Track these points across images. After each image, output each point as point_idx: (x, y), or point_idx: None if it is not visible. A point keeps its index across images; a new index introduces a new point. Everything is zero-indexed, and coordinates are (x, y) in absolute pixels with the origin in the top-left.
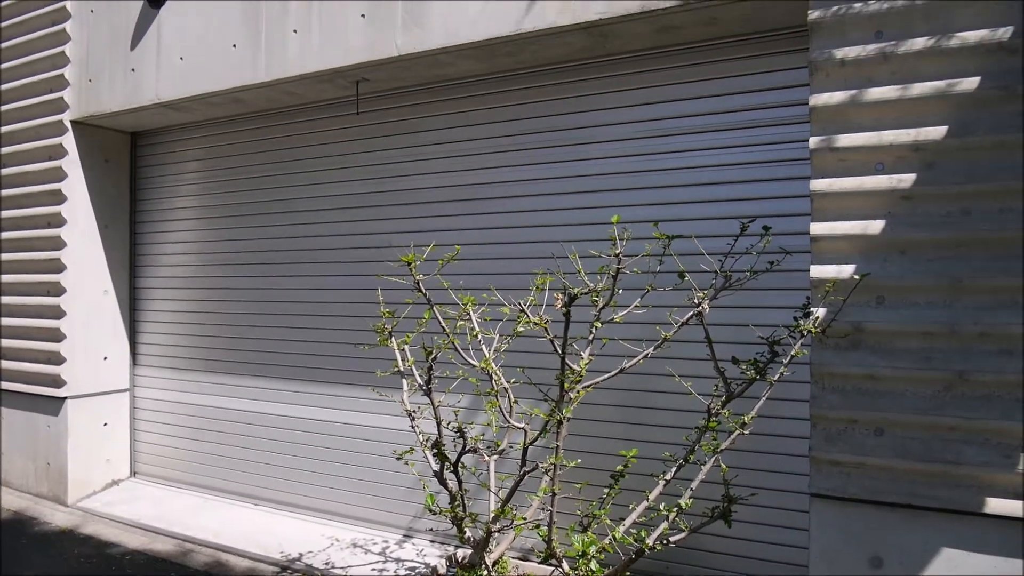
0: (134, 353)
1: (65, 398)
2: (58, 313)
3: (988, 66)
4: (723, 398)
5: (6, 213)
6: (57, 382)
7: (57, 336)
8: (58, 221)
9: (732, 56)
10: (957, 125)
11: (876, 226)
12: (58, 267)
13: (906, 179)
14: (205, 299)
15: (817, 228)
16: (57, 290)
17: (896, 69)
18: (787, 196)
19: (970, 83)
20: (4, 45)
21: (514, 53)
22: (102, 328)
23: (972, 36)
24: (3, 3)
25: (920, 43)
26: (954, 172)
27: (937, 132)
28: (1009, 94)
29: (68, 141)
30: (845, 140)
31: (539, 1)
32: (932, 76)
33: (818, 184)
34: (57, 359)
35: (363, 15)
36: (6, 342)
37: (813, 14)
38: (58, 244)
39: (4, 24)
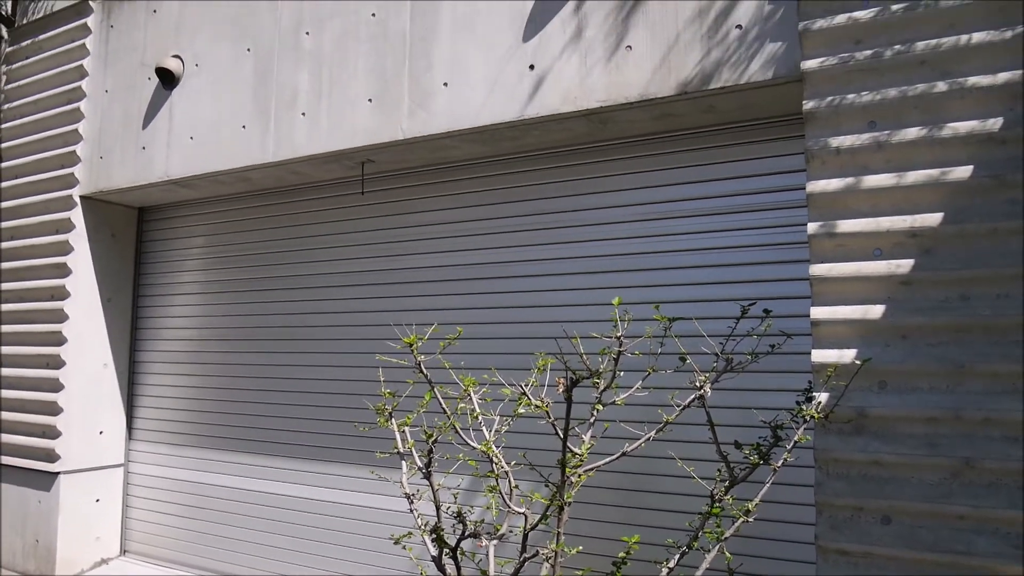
0: (130, 427)
1: (58, 473)
2: (56, 386)
3: (980, 155)
4: (726, 483)
5: (9, 285)
6: (51, 457)
7: (54, 410)
8: (62, 294)
9: (730, 142)
10: (952, 212)
11: (876, 311)
12: (59, 340)
13: (904, 264)
14: (205, 374)
15: (817, 312)
16: (57, 363)
17: (890, 157)
18: (787, 279)
19: (963, 172)
20: (20, 122)
21: (517, 137)
22: (99, 402)
23: (963, 127)
24: (21, 81)
25: (913, 133)
26: (951, 258)
27: (933, 219)
28: (1000, 183)
29: (76, 216)
30: (843, 226)
31: (542, 89)
32: (926, 165)
33: (817, 269)
34: (52, 433)
35: (370, 100)
36: (3, 415)
37: (808, 104)
38: (60, 317)
39: (21, 102)
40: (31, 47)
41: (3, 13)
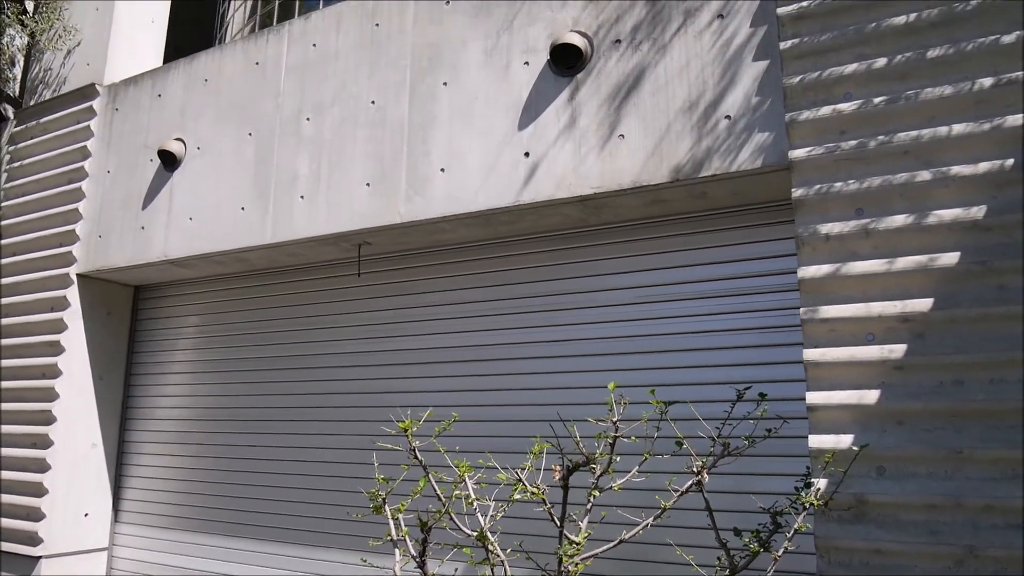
0: (117, 510)
1: (40, 557)
2: (43, 467)
3: (966, 242)
4: (727, 572)
5: (2, 362)
6: (33, 540)
7: (39, 491)
8: (53, 372)
9: (722, 227)
10: (942, 298)
11: (871, 396)
12: (48, 419)
13: (897, 350)
14: (195, 455)
15: (813, 398)
16: (45, 443)
17: (878, 244)
18: (782, 362)
19: (951, 258)
20: (22, 200)
21: (512, 222)
22: (86, 483)
23: (948, 214)
24: (25, 161)
25: (899, 220)
26: (943, 343)
27: (923, 304)
28: (988, 269)
29: (72, 294)
30: (834, 311)
31: (537, 175)
32: (914, 251)
33: (811, 354)
34: (36, 515)
35: (368, 184)
36: None
37: (797, 192)
38: (51, 396)
39: (24, 180)
40: (36, 128)
41: (10, 94)
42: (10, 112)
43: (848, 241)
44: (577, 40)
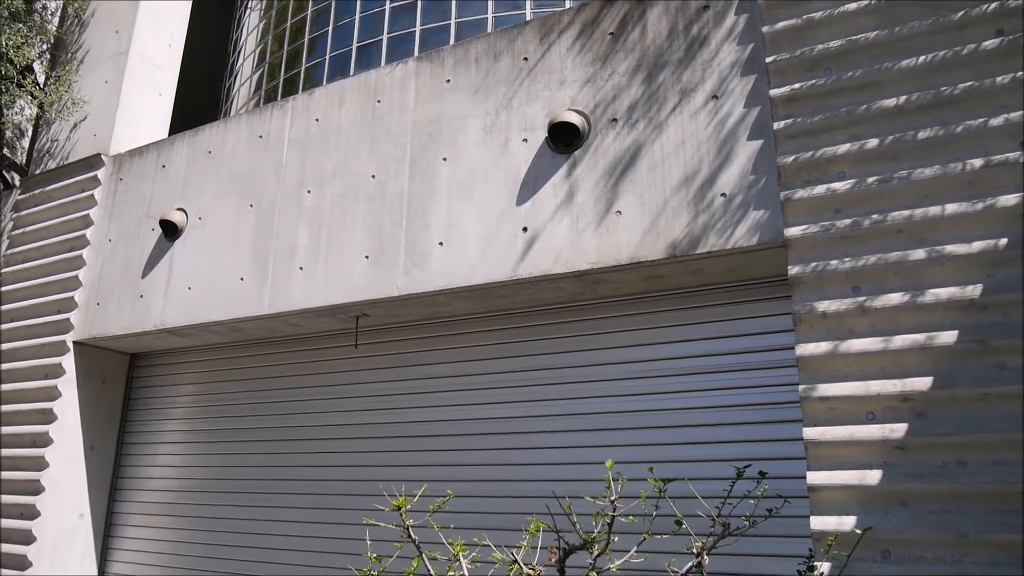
0: None
1: None
2: (28, 538)
3: (963, 321)
4: None
5: None
6: None
7: (23, 564)
8: (44, 441)
9: (719, 302)
10: (941, 376)
11: (873, 476)
12: (36, 489)
13: (898, 429)
14: (185, 528)
15: (814, 478)
16: (31, 513)
17: (876, 322)
18: (782, 439)
19: (949, 336)
20: (22, 267)
21: (509, 296)
22: (70, 556)
23: (944, 293)
24: (28, 228)
25: (896, 298)
26: (945, 423)
27: (923, 383)
28: (986, 348)
29: (68, 361)
30: (834, 389)
31: (534, 250)
32: (911, 329)
33: (811, 433)
34: None
35: (367, 256)
36: None
37: (793, 270)
38: (40, 465)
39: (25, 247)
40: (41, 196)
41: (17, 162)
42: (16, 180)
43: (845, 319)
44: (575, 119)
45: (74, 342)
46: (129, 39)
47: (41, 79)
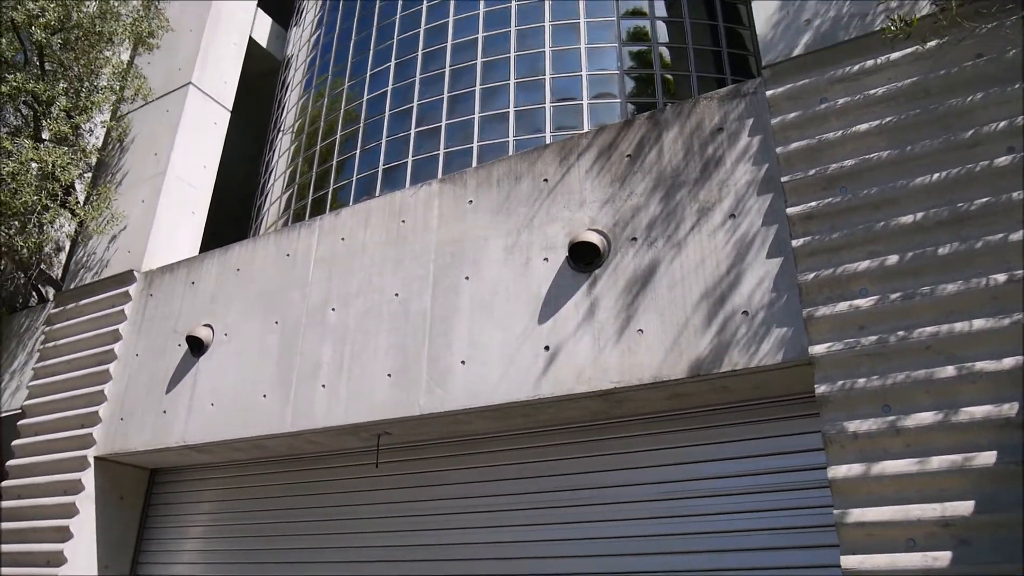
0: None
1: None
2: None
3: (1002, 441)
4: None
5: (8, 547)
6: None
7: None
8: (58, 560)
9: (744, 420)
10: (983, 500)
11: None
12: None
13: (941, 557)
14: None
15: None
16: None
17: (910, 442)
18: (817, 566)
19: (988, 457)
20: (49, 380)
21: (531, 415)
22: None
23: (979, 411)
24: (59, 342)
25: (929, 417)
26: (990, 550)
27: (964, 507)
28: None
29: (87, 477)
30: (871, 514)
31: (556, 369)
32: (947, 450)
33: (849, 561)
34: None
35: (389, 375)
36: None
37: (820, 388)
38: None
39: (54, 361)
40: (73, 310)
41: (52, 276)
42: (50, 294)
43: (878, 439)
44: (595, 238)
45: (95, 458)
46: (167, 161)
47: (81, 197)
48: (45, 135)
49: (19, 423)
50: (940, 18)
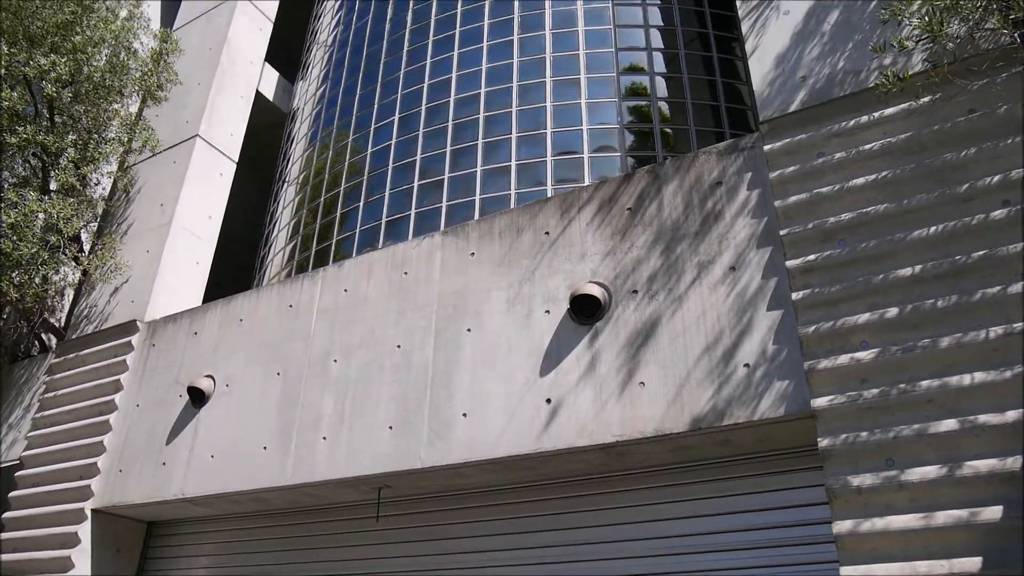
0: None
1: None
2: None
3: (1007, 495)
4: None
5: None
6: None
7: None
8: None
9: (749, 473)
10: (991, 556)
11: None
12: None
13: None
14: None
15: None
16: None
17: (914, 497)
18: None
19: (993, 512)
20: (49, 431)
21: (533, 468)
22: None
23: (983, 465)
24: (59, 391)
25: (933, 472)
26: None
27: (972, 563)
28: None
29: (84, 530)
30: (877, 570)
31: (558, 422)
32: (952, 504)
33: None
34: None
35: (391, 427)
36: None
37: (823, 442)
38: None
39: (54, 411)
40: (75, 360)
41: (55, 325)
42: (52, 343)
43: (882, 494)
44: (596, 291)
45: (92, 510)
46: (172, 212)
47: (87, 247)
48: (53, 185)
49: (17, 474)
50: (932, 75)
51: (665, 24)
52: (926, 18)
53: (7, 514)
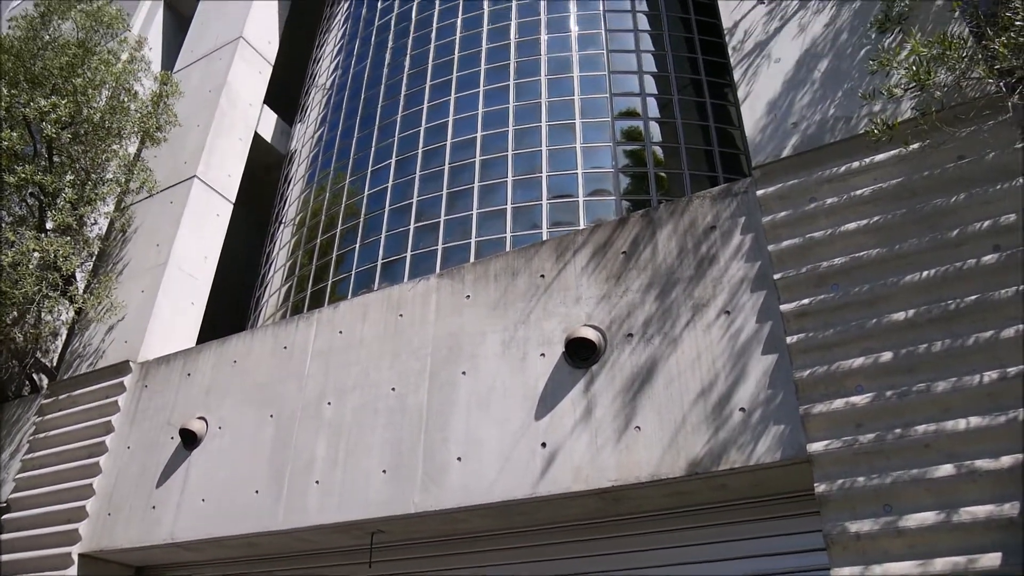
0: None
1: None
2: None
3: (1005, 542)
4: None
5: None
6: None
7: None
8: None
9: (743, 518)
10: None
11: None
12: None
13: None
14: None
15: None
16: None
17: (912, 543)
18: None
19: (991, 559)
20: (37, 472)
21: (528, 513)
22: None
23: (980, 511)
24: (49, 433)
25: (931, 518)
26: None
27: None
28: None
29: (71, 575)
30: None
31: (553, 467)
32: (950, 551)
33: None
34: None
35: (384, 471)
36: None
37: (820, 487)
38: None
39: (43, 452)
40: (66, 400)
41: (47, 365)
42: (44, 383)
43: (879, 540)
44: (591, 334)
45: (80, 554)
46: (168, 252)
47: (81, 286)
48: (49, 225)
49: (3, 517)
50: (921, 122)
51: (659, 70)
52: (913, 67)
53: None
